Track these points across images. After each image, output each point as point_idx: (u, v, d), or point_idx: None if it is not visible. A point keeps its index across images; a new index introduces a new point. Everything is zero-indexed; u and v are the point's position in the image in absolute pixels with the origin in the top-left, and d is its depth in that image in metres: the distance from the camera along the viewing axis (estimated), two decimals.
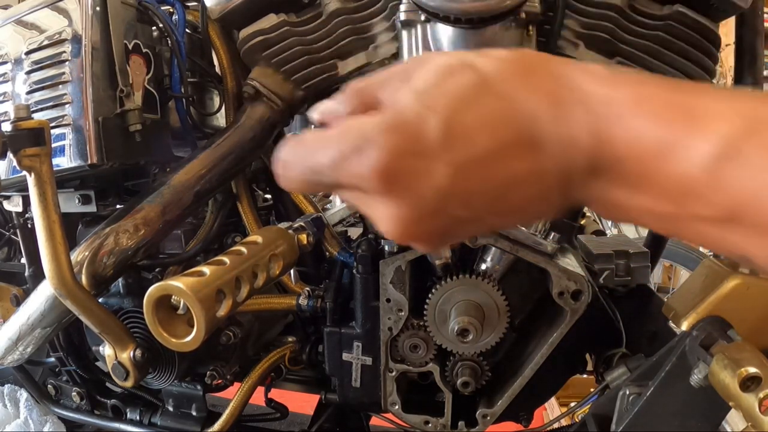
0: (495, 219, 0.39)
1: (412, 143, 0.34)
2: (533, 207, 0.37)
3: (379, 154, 0.34)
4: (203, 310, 0.67)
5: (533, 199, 0.37)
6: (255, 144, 0.93)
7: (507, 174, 0.35)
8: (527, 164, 0.35)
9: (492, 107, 0.35)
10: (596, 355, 0.97)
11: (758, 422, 0.54)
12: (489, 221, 0.39)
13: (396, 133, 0.35)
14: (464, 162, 0.35)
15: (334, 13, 0.84)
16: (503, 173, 0.35)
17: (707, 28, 0.79)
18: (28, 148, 0.75)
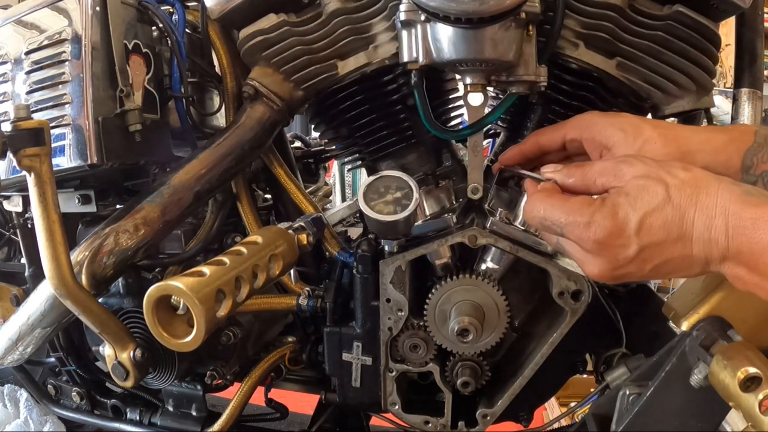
0: (652, 276, 0.63)
1: (619, 230, 0.60)
2: (679, 273, 0.62)
3: (600, 232, 0.61)
4: (203, 310, 0.67)
5: (680, 268, 0.61)
6: (255, 144, 0.93)
7: (667, 254, 0.60)
8: (681, 250, 0.59)
9: (669, 214, 0.59)
10: (596, 355, 0.97)
11: (758, 422, 0.54)
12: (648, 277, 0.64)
13: (612, 221, 0.60)
14: (646, 245, 0.60)
15: (334, 13, 0.84)
16: (665, 254, 0.60)
17: (707, 28, 0.79)
18: (28, 148, 0.75)
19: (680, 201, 0.59)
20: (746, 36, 0.93)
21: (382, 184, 0.78)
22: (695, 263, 0.60)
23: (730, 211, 0.57)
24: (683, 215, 0.59)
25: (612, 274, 0.63)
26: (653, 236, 0.60)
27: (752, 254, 0.55)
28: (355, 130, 0.95)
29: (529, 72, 0.77)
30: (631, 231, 0.60)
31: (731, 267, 0.58)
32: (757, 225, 0.55)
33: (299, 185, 1.04)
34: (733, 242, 0.56)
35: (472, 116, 0.82)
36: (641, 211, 0.60)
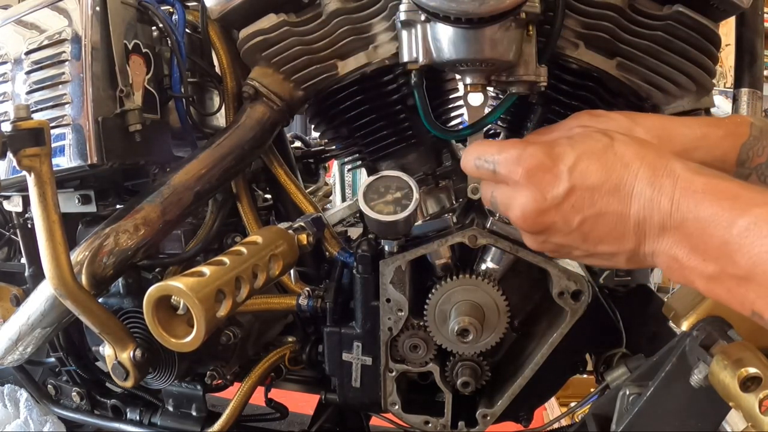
0: (580, 242, 0.57)
1: (552, 162, 0.55)
2: (610, 240, 0.55)
3: (530, 161, 0.56)
4: (203, 310, 0.67)
5: (612, 234, 0.54)
6: (255, 144, 0.93)
7: (600, 206, 0.54)
8: (616, 205, 0.53)
9: (609, 160, 0.54)
10: (596, 355, 0.97)
11: (758, 422, 0.54)
12: (576, 242, 0.57)
13: (545, 152, 0.56)
14: (578, 185, 0.54)
15: (334, 13, 0.84)
16: (598, 204, 0.54)
17: (707, 28, 0.79)
18: (28, 148, 0.75)
19: (624, 152, 0.54)
20: (746, 36, 0.93)
21: (382, 184, 0.78)
22: (629, 230, 0.53)
23: (681, 176, 0.51)
24: (626, 165, 0.53)
25: (536, 219, 0.57)
26: (587, 178, 0.54)
27: (698, 226, 0.49)
28: (355, 130, 0.95)
29: (529, 72, 0.77)
30: (564, 166, 0.55)
31: (669, 245, 0.51)
32: (709, 195, 0.49)
33: (299, 185, 1.04)
34: (678, 209, 0.50)
35: (472, 116, 0.82)
36: (579, 150, 0.55)
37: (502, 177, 0.60)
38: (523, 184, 0.57)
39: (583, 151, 0.55)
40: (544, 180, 0.56)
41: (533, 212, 0.57)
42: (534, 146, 0.58)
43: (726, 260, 0.47)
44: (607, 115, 0.70)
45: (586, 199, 0.54)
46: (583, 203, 0.54)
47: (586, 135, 0.58)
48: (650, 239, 0.53)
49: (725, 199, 0.49)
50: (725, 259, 0.47)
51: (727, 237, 0.47)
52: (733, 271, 0.47)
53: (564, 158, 0.55)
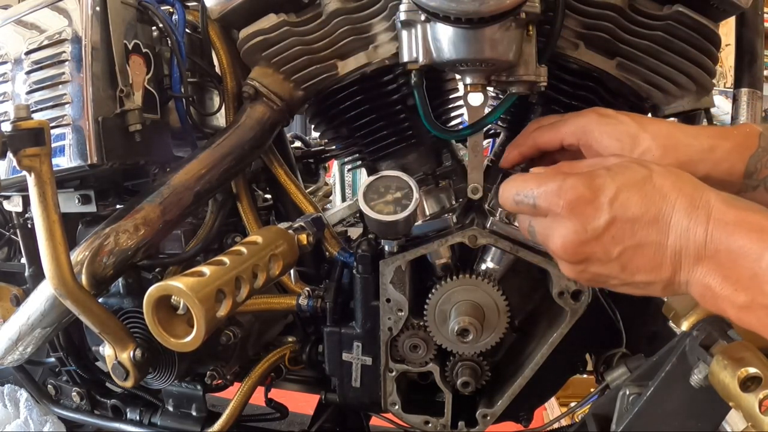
0: (618, 271, 0.57)
1: (593, 194, 0.56)
2: (647, 270, 0.56)
3: (572, 193, 0.57)
4: (203, 310, 0.67)
5: (650, 264, 0.55)
6: (255, 144, 0.93)
7: (640, 237, 0.55)
8: (655, 236, 0.54)
9: (648, 192, 0.55)
10: (596, 355, 0.97)
11: (758, 422, 0.54)
12: (614, 272, 0.58)
13: (586, 185, 0.57)
14: (619, 216, 0.55)
15: (334, 13, 0.84)
16: (638, 235, 0.55)
17: (707, 28, 0.79)
18: (28, 148, 0.75)
19: (663, 184, 0.55)
20: (746, 36, 0.93)
21: (382, 184, 0.78)
22: (666, 260, 0.54)
23: (714, 206, 0.53)
24: (664, 196, 0.55)
25: (576, 250, 0.58)
26: (628, 209, 0.55)
27: (729, 257, 0.51)
28: (355, 130, 0.95)
29: (529, 72, 0.77)
30: (606, 198, 0.56)
31: (703, 274, 0.53)
32: (740, 227, 0.51)
33: (299, 185, 1.04)
34: (712, 240, 0.52)
35: (472, 116, 0.82)
36: (620, 182, 0.56)
37: (543, 210, 0.61)
38: (564, 216, 0.58)
39: (623, 182, 0.56)
40: (585, 212, 0.56)
41: (574, 243, 0.58)
42: (573, 178, 0.58)
43: (756, 291, 0.50)
44: (616, 117, 0.70)
45: (627, 230, 0.55)
46: (624, 234, 0.55)
47: (624, 166, 0.58)
48: (686, 269, 0.54)
49: (754, 231, 0.51)
50: (756, 290, 0.50)
51: (756, 269, 0.49)
52: (764, 301, 0.49)
53: (605, 190, 0.56)
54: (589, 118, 0.71)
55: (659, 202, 0.54)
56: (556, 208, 0.58)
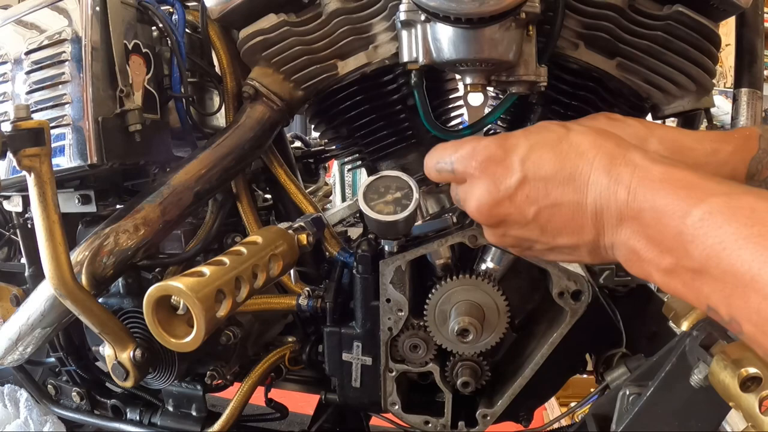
0: (538, 234, 0.56)
1: (504, 153, 0.55)
2: (569, 232, 0.53)
3: (483, 152, 0.57)
4: (203, 310, 0.67)
5: (570, 225, 0.53)
6: (255, 144, 0.93)
7: (555, 196, 0.52)
8: (572, 195, 0.52)
9: (563, 150, 0.53)
10: (596, 355, 0.97)
11: (758, 422, 0.54)
12: (534, 235, 0.56)
13: (498, 144, 0.56)
14: (531, 176, 0.53)
15: (334, 13, 0.84)
16: (552, 195, 0.53)
17: (707, 28, 0.79)
18: (28, 148, 0.75)
19: (580, 141, 0.53)
20: (746, 36, 0.93)
21: (382, 184, 0.78)
22: (587, 221, 0.52)
23: (639, 164, 0.50)
24: (581, 154, 0.52)
25: (491, 211, 0.57)
26: (540, 168, 0.53)
27: (654, 216, 0.47)
28: (355, 130, 0.95)
29: (529, 72, 0.77)
30: (517, 157, 0.54)
31: (627, 236, 0.50)
32: (666, 184, 0.48)
33: (299, 185, 1.04)
34: (635, 199, 0.48)
35: (472, 116, 0.82)
36: (533, 141, 0.55)
37: (461, 174, 0.60)
38: (477, 177, 0.57)
39: (537, 141, 0.55)
40: (497, 172, 0.56)
41: (488, 204, 0.57)
42: (487, 140, 0.58)
43: (681, 252, 0.46)
44: (624, 120, 0.70)
45: (540, 189, 0.53)
46: (537, 194, 0.54)
47: (541, 126, 0.58)
48: (609, 230, 0.51)
49: (682, 188, 0.47)
50: (680, 251, 0.46)
51: (682, 228, 0.45)
52: (688, 263, 0.45)
53: (516, 149, 0.55)
54: (599, 120, 0.71)
55: (575, 160, 0.52)
56: (471, 169, 0.58)
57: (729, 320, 0.43)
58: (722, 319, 0.44)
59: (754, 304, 0.40)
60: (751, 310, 0.41)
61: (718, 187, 0.46)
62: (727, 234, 0.42)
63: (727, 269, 0.42)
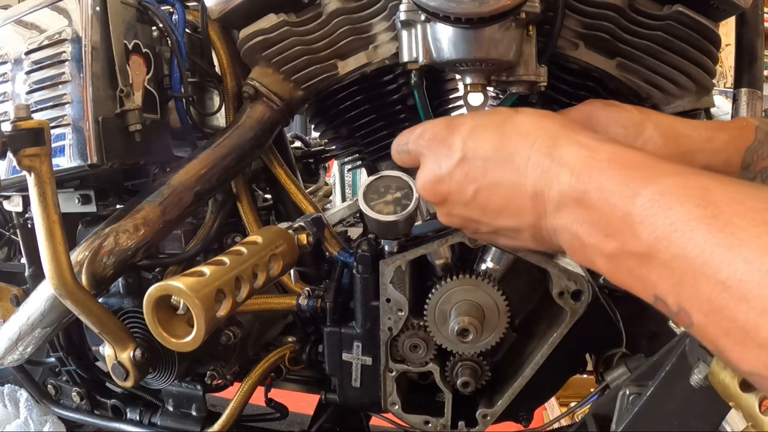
0: (480, 213, 0.56)
1: (449, 131, 0.57)
2: (509, 214, 0.53)
3: (430, 130, 0.59)
4: (203, 310, 0.67)
5: (510, 206, 0.52)
6: (255, 144, 0.93)
7: (494, 175, 0.52)
8: (510, 175, 0.51)
9: (505, 131, 0.52)
10: (596, 355, 0.97)
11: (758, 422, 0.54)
12: (477, 214, 0.56)
13: (445, 123, 0.58)
14: (470, 155, 0.54)
15: (334, 13, 0.84)
16: (491, 174, 0.52)
17: (707, 28, 0.79)
18: (28, 148, 0.75)
19: (523, 122, 0.52)
20: (746, 36, 0.93)
21: (382, 184, 0.78)
22: (527, 202, 0.50)
23: (586, 145, 0.47)
24: (523, 135, 0.51)
25: (433, 189, 0.58)
26: (480, 147, 0.53)
27: (600, 197, 0.44)
28: (355, 130, 0.95)
29: (529, 72, 0.77)
30: (459, 136, 0.55)
31: (570, 220, 0.47)
32: (614, 164, 0.45)
33: (299, 185, 1.04)
34: (580, 179, 0.46)
35: None
36: (477, 121, 0.55)
37: (414, 155, 0.62)
38: (425, 155, 0.59)
39: (481, 122, 0.55)
40: (440, 150, 0.57)
41: (430, 181, 0.58)
42: (437, 120, 0.59)
43: (628, 235, 0.42)
44: (621, 105, 0.70)
45: (479, 168, 0.53)
46: (476, 172, 0.53)
47: (491, 110, 0.59)
48: (550, 213, 0.49)
49: (632, 168, 0.44)
50: (627, 234, 0.42)
51: (630, 208, 0.42)
52: (635, 247, 0.42)
53: (461, 128, 0.56)
54: (595, 105, 0.71)
55: (516, 140, 0.51)
56: (421, 148, 0.60)
57: (678, 311, 0.40)
58: (670, 310, 0.41)
59: (705, 291, 0.37)
60: (701, 299, 0.37)
61: (670, 167, 0.44)
62: (679, 215, 0.39)
63: (676, 253, 0.39)
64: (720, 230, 0.36)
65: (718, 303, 0.36)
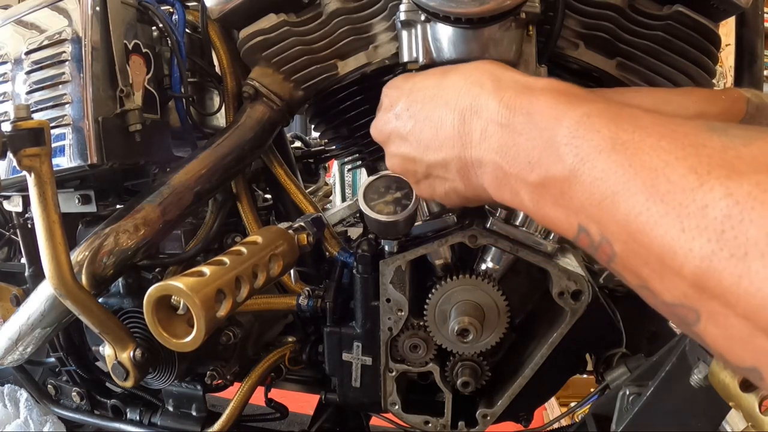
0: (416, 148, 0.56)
1: (402, 82, 0.62)
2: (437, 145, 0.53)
3: (390, 82, 0.65)
4: (203, 310, 0.67)
5: (438, 137, 0.52)
6: (255, 144, 0.93)
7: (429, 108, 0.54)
8: (443, 107, 0.52)
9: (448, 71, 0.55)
10: (596, 355, 0.97)
11: (758, 422, 0.54)
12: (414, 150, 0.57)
13: (404, 78, 0.63)
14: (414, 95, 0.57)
15: (334, 13, 0.84)
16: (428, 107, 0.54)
17: (707, 28, 0.79)
18: (28, 148, 0.75)
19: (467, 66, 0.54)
20: (746, 36, 0.93)
21: (382, 184, 0.78)
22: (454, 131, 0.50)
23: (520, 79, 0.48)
24: (462, 72, 0.52)
25: (381, 128, 0.62)
26: (424, 87, 0.56)
27: (528, 121, 0.42)
28: (355, 130, 0.95)
29: (529, 72, 0.77)
30: (411, 81, 0.60)
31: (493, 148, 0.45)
32: (546, 92, 0.43)
33: (299, 185, 1.04)
34: (508, 106, 0.45)
35: None
36: (432, 71, 0.60)
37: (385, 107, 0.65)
38: (382, 101, 0.64)
39: (434, 71, 0.59)
40: (391, 94, 0.62)
41: (380, 120, 0.62)
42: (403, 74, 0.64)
43: (552, 159, 0.40)
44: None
45: (419, 103, 0.56)
46: (416, 108, 0.56)
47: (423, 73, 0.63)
48: (475, 143, 0.47)
49: (562, 94, 0.42)
50: (552, 157, 0.40)
51: (556, 129, 0.40)
52: (558, 171, 0.39)
53: (415, 77, 0.60)
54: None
55: (454, 76, 0.53)
56: (382, 96, 0.65)
57: (599, 241, 0.38)
58: (593, 242, 0.38)
59: (623, 215, 0.35)
60: (620, 224, 0.35)
61: (602, 96, 0.42)
62: (605, 137, 0.37)
63: (599, 176, 0.36)
64: (646, 153, 0.35)
65: (636, 227, 0.34)
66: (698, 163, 0.32)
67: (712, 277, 0.29)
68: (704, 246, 0.30)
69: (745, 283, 0.28)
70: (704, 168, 0.31)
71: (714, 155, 0.31)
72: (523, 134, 0.43)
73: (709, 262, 0.29)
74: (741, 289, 0.28)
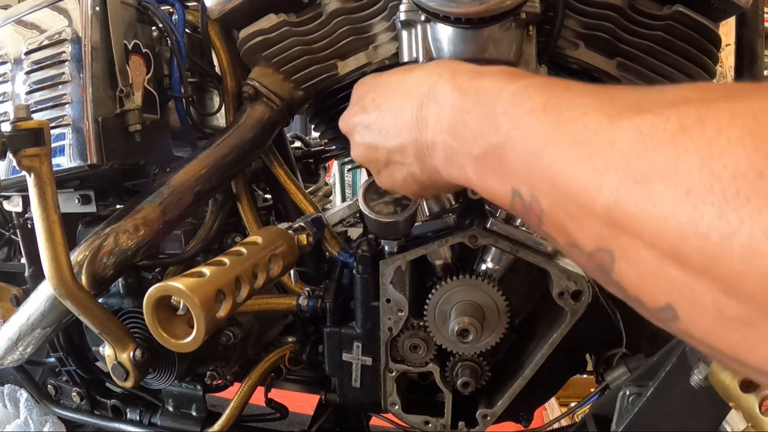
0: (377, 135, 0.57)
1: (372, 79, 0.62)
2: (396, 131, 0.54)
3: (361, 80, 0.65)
4: (203, 310, 0.67)
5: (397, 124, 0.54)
6: (255, 144, 0.93)
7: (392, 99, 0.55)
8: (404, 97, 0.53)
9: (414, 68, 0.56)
10: (596, 355, 0.97)
11: (758, 422, 0.55)
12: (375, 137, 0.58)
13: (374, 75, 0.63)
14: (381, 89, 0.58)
15: (334, 13, 0.84)
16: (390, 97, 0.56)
17: (707, 28, 0.79)
18: (28, 148, 0.75)
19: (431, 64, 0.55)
20: (746, 36, 0.93)
21: None
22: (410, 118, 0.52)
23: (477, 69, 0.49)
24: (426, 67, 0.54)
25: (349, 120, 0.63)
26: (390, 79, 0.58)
27: (474, 99, 0.44)
28: None
29: (529, 72, 0.77)
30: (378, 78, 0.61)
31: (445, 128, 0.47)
32: (495, 74, 0.45)
33: (299, 185, 1.04)
34: (461, 89, 0.46)
35: None
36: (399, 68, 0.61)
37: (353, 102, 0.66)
38: (352, 97, 0.65)
39: (401, 68, 0.60)
40: (360, 90, 0.63)
41: (348, 113, 0.63)
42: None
43: (491, 129, 0.41)
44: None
45: (382, 94, 0.57)
46: (381, 99, 0.57)
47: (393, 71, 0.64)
48: (431, 126, 0.49)
49: (509, 74, 0.44)
50: (491, 129, 0.41)
51: (496, 101, 0.42)
52: (495, 139, 0.40)
53: (382, 75, 0.61)
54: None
55: (418, 70, 0.55)
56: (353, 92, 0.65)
57: (530, 201, 0.38)
58: (525, 204, 0.39)
59: (546, 166, 0.35)
60: (544, 177, 0.35)
61: (547, 77, 0.45)
62: (537, 103, 0.38)
63: (528, 136, 0.37)
64: (569, 109, 0.35)
65: (557, 174, 0.34)
66: (612, 108, 0.33)
67: (620, 207, 0.30)
68: (612, 178, 0.30)
69: (649, 206, 0.28)
70: (617, 111, 0.32)
71: (629, 101, 0.33)
72: (470, 112, 0.45)
73: (617, 193, 0.30)
74: (645, 213, 0.28)
